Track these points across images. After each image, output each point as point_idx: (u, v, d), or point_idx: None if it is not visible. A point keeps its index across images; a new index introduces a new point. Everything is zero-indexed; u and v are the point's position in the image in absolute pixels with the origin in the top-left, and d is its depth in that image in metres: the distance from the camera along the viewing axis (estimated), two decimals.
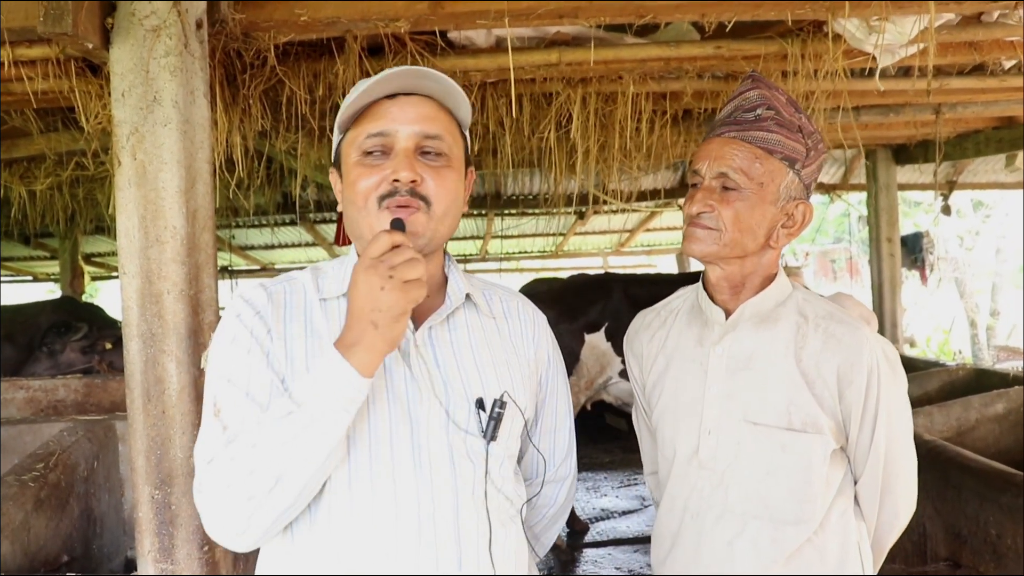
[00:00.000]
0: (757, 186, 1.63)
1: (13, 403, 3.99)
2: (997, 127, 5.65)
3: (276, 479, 1.23)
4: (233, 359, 1.36)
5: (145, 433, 2.31)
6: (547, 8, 2.73)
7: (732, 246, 1.65)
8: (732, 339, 1.71)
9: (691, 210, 1.67)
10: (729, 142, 1.65)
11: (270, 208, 7.02)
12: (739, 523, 1.66)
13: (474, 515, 1.35)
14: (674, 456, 1.76)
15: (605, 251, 11.95)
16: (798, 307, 1.70)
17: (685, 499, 1.73)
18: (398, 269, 1.20)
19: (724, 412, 1.68)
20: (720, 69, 3.75)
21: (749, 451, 1.65)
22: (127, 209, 2.32)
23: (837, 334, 1.65)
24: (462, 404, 1.39)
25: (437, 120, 1.41)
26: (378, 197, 1.36)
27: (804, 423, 1.62)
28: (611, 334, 5.39)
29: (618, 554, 5.22)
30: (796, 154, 1.65)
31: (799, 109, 1.70)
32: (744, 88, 1.71)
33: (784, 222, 1.68)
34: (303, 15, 2.72)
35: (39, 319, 6.63)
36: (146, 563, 2.32)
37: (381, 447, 1.33)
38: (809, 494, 1.62)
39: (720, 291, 1.74)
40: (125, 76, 2.31)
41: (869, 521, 1.72)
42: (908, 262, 10.34)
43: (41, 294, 15.03)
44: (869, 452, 1.65)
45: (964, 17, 3.25)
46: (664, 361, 1.82)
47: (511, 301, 1.59)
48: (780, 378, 1.65)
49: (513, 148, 4.23)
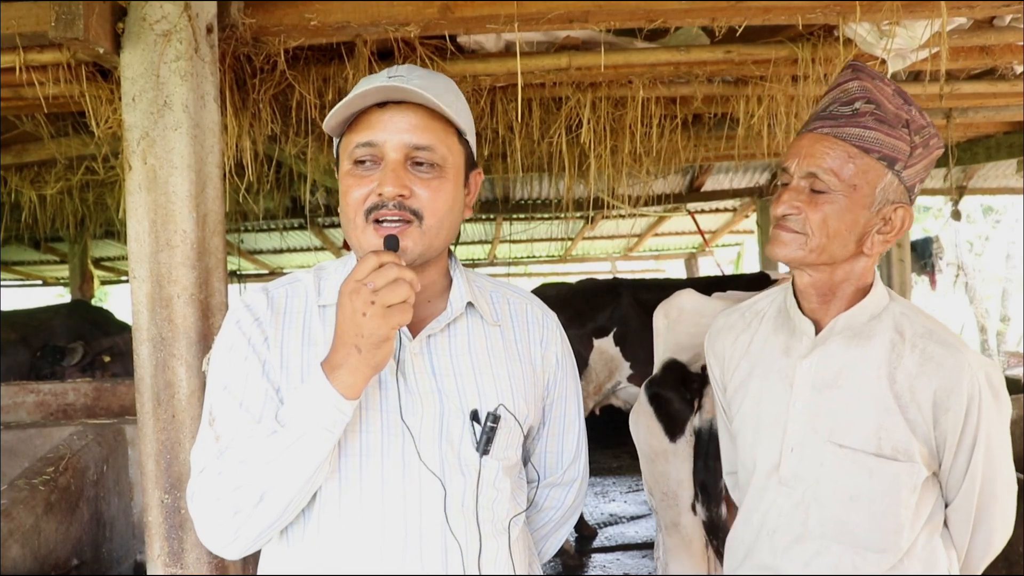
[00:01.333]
0: (849, 188, 1.51)
1: (23, 407, 4.00)
2: (1008, 132, 5.62)
3: (261, 496, 1.24)
4: (230, 367, 1.36)
5: (155, 437, 2.31)
6: (557, 12, 2.72)
7: (819, 252, 1.53)
8: (821, 354, 1.60)
9: (777, 211, 1.56)
10: (821, 139, 1.53)
11: (279, 212, 7.04)
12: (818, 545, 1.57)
13: (463, 528, 1.34)
14: (754, 468, 1.68)
15: (613, 256, 11.94)
16: (895, 322, 1.59)
17: (763, 514, 1.65)
18: (380, 293, 1.18)
19: (809, 430, 1.59)
20: (730, 73, 3.74)
21: (833, 473, 1.56)
22: (137, 213, 2.32)
23: (936, 356, 1.53)
24: (457, 416, 1.37)
25: (428, 130, 1.35)
26: (365, 210, 1.33)
27: (895, 449, 1.52)
28: (620, 339, 5.37)
29: (626, 559, 5.20)
30: (897, 153, 1.52)
31: (908, 100, 1.55)
32: (843, 79, 1.59)
33: (880, 227, 1.55)
34: (313, 19, 2.72)
35: (52, 323, 6.68)
36: (156, 567, 2.31)
37: (371, 459, 1.32)
38: (896, 523, 1.53)
39: (808, 299, 1.63)
40: (136, 80, 2.31)
41: (960, 548, 1.62)
42: (918, 267, 10.29)
43: (50, 298, 15.09)
44: (964, 480, 1.55)
45: (976, 21, 3.23)
46: (748, 367, 1.72)
47: (519, 304, 1.55)
48: (871, 400, 1.54)
49: (523, 152, 4.22)
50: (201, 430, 1.35)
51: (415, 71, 1.38)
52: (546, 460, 1.61)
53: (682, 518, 2.69)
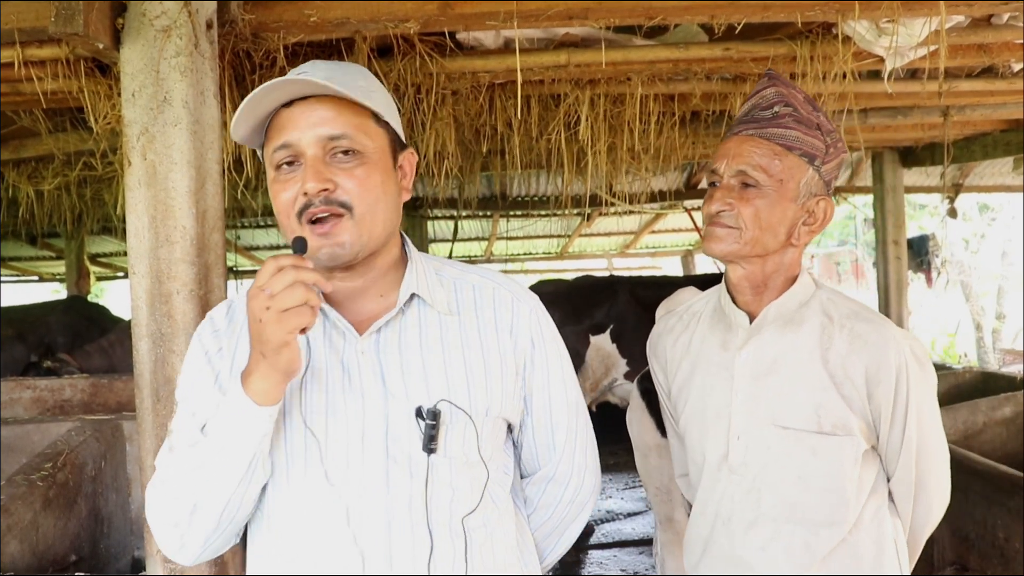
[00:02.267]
0: (777, 183, 1.61)
1: (20, 403, 4.00)
2: (1005, 130, 5.63)
3: (193, 506, 1.25)
4: (188, 379, 1.38)
5: (154, 433, 2.31)
6: (557, 9, 2.72)
7: (753, 244, 1.63)
8: (757, 343, 1.69)
9: (711, 209, 1.65)
10: (747, 140, 1.64)
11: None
12: (772, 528, 1.64)
13: (409, 531, 1.30)
14: (703, 462, 1.75)
15: (610, 253, 11.94)
16: (823, 307, 1.68)
17: (716, 504, 1.72)
18: (276, 298, 1.15)
19: (752, 417, 1.67)
20: (729, 71, 3.75)
21: (779, 455, 1.64)
22: (137, 209, 2.32)
23: (863, 333, 1.62)
24: (403, 414, 1.33)
25: (340, 118, 1.32)
26: (296, 213, 1.31)
27: (834, 426, 1.61)
28: (616, 336, 5.38)
29: (623, 556, 5.21)
30: (815, 150, 1.64)
31: (816, 107, 1.69)
32: (761, 86, 1.70)
33: (805, 219, 1.66)
34: (312, 16, 2.71)
35: (49, 319, 6.67)
36: (155, 563, 2.31)
37: (316, 463, 1.31)
38: (842, 497, 1.61)
39: (742, 292, 1.72)
40: (135, 76, 2.31)
41: (904, 517, 1.71)
42: (913, 265, 10.32)
43: (46, 294, 15.06)
44: (901, 450, 1.64)
45: (973, 19, 3.24)
46: (689, 366, 1.80)
47: (486, 288, 1.48)
48: (807, 381, 1.63)
49: (521, 149, 4.22)
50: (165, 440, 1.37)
51: (319, 65, 1.36)
52: (538, 452, 1.53)
53: (676, 513, 2.70)
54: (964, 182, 7.40)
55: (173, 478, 1.27)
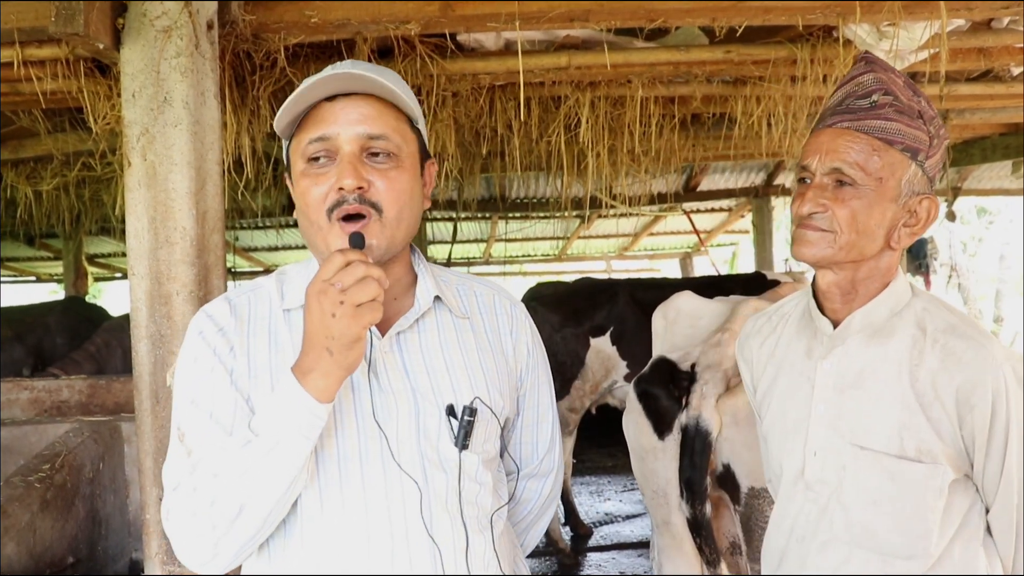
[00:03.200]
0: (876, 181, 1.45)
1: (17, 404, 3.98)
2: (1004, 133, 5.65)
3: (239, 509, 1.21)
4: (196, 380, 1.33)
5: (153, 435, 2.30)
6: (558, 11, 2.72)
7: (849, 249, 1.48)
8: (841, 353, 1.56)
9: (802, 210, 1.49)
10: (842, 133, 1.48)
11: (276, 210, 7.02)
12: (845, 552, 1.53)
13: (449, 526, 1.31)
14: (781, 474, 1.66)
15: (609, 255, 11.95)
16: (916, 318, 1.53)
17: (792, 520, 1.62)
18: (349, 292, 1.14)
19: (831, 433, 1.55)
20: (729, 73, 3.75)
21: (855, 477, 1.52)
22: (137, 210, 2.31)
23: (957, 351, 1.46)
24: (432, 412, 1.34)
25: (381, 119, 1.32)
26: (327, 209, 1.30)
27: (917, 451, 1.46)
28: (616, 338, 5.37)
29: (622, 558, 5.20)
30: (919, 144, 1.47)
31: (917, 91, 1.52)
32: (857, 72, 1.54)
33: (906, 220, 1.50)
34: (313, 17, 2.71)
35: (47, 320, 6.65)
36: (153, 565, 2.31)
37: (350, 464, 1.30)
38: (922, 528, 1.47)
39: (830, 299, 1.58)
40: (136, 77, 2.30)
41: (1004, 554, 1.53)
42: (912, 268, 10.33)
43: (44, 295, 15.05)
44: (1000, 482, 1.47)
45: (973, 23, 3.25)
46: (773, 371, 1.69)
47: (486, 295, 1.52)
48: (891, 399, 1.49)
49: (521, 151, 4.22)
50: (171, 447, 1.32)
51: (359, 64, 1.35)
52: (522, 451, 1.59)
53: (673, 516, 2.68)
54: (963, 185, 7.42)
55: (210, 483, 1.22)
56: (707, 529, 2.60)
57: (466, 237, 9.92)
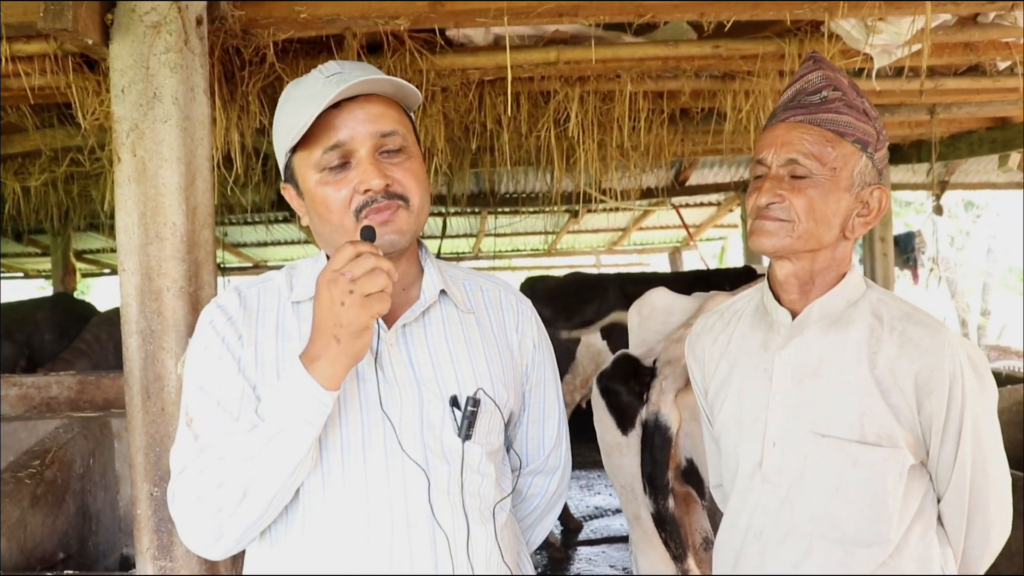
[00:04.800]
0: (830, 172, 1.50)
1: (6, 400, 3.97)
2: (991, 127, 5.68)
3: (244, 492, 1.24)
4: (205, 367, 1.36)
5: (144, 430, 2.30)
6: (547, 7, 2.72)
7: (806, 238, 1.51)
8: (799, 343, 1.58)
9: (759, 201, 1.53)
10: (796, 126, 1.53)
11: (265, 205, 7.01)
12: (806, 544, 1.54)
13: (450, 516, 1.34)
14: (737, 469, 1.66)
15: (598, 250, 11.96)
16: (872, 308, 1.56)
17: (749, 516, 1.62)
18: (359, 282, 1.18)
19: (790, 423, 1.57)
20: (718, 68, 3.76)
21: (816, 465, 1.53)
22: (126, 206, 2.31)
23: (915, 337, 1.50)
24: (436, 403, 1.37)
25: (387, 115, 1.36)
26: (355, 211, 1.33)
27: (878, 436, 1.49)
28: (607, 333, 5.39)
29: (612, 552, 5.23)
30: (868, 136, 1.54)
31: (860, 93, 1.58)
32: (806, 70, 1.60)
33: (860, 210, 1.56)
34: (303, 12, 2.71)
35: (36, 316, 6.62)
36: (145, 561, 2.31)
37: (353, 453, 1.32)
38: (883, 514, 1.49)
39: (788, 290, 1.60)
40: (125, 72, 2.30)
41: (955, 545, 1.57)
42: (900, 262, 10.36)
43: (32, 291, 14.96)
44: (953, 469, 1.51)
45: (960, 18, 3.26)
46: (727, 367, 1.70)
47: (492, 291, 1.55)
48: (851, 387, 1.52)
49: (510, 146, 4.23)
50: (179, 431, 1.35)
51: (346, 65, 1.38)
52: (527, 446, 1.61)
53: (642, 511, 2.69)
54: (950, 179, 7.45)
55: (216, 466, 1.25)
56: (672, 524, 2.60)
57: (455, 232, 9.92)
